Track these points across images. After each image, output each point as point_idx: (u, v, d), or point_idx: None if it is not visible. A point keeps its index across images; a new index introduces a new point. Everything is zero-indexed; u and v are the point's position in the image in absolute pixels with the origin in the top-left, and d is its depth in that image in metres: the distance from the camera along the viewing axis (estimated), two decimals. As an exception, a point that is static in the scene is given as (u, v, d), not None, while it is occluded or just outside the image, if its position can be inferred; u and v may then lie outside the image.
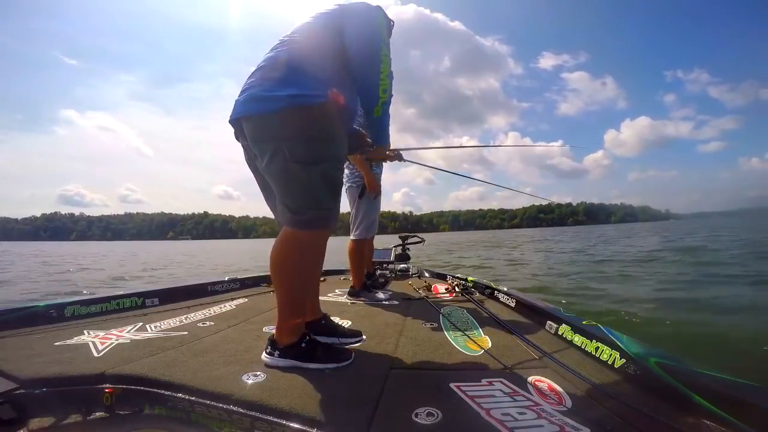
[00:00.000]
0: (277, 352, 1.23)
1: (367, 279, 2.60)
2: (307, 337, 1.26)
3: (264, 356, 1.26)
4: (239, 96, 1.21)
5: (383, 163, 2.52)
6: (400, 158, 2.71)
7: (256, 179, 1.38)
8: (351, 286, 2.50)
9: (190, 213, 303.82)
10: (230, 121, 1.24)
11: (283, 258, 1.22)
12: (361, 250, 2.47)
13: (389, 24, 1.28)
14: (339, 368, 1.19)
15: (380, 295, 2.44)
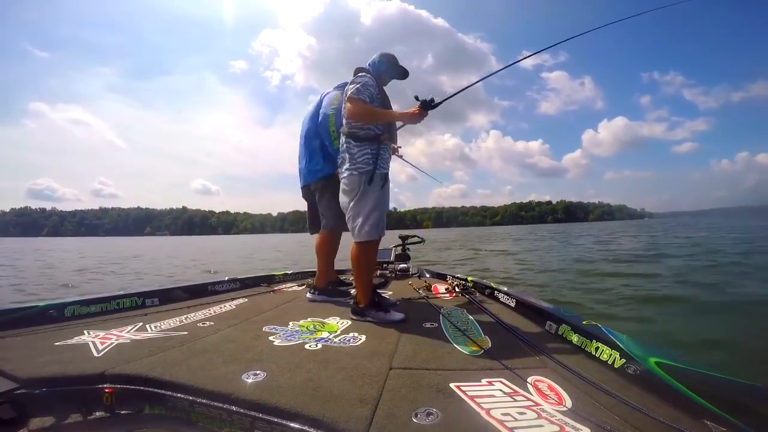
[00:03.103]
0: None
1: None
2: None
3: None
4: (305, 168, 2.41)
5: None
6: (395, 152, 2.60)
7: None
8: (354, 302, 1.96)
9: (167, 208, 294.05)
10: (308, 184, 2.42)
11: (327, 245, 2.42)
12: (369, 256, 1.93)
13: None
14: (340, 366, 1.20)
15: (395, 315, 1.84)
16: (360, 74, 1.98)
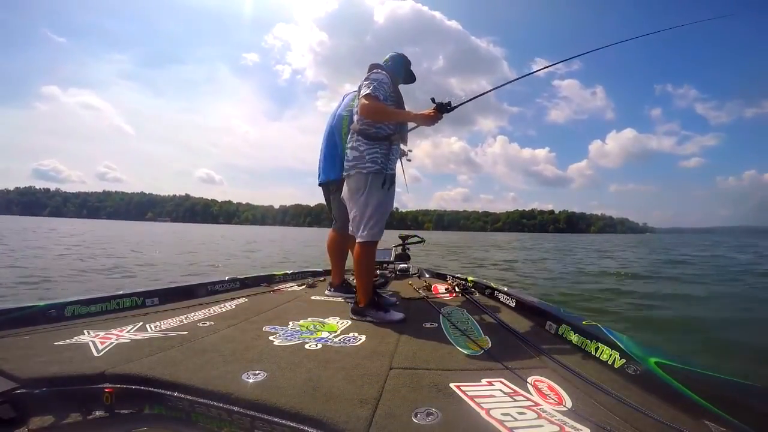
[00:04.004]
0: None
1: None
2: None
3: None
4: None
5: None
6: (405, 154, 2.62)
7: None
8: (354, 302, 1.96)
9: (170, 194, 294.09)
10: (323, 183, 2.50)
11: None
12: (370, 256, 1.93)
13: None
14: (340, 366, 1.20)
15: (395, 315, 1.84)
16: (375, 71, 1.93)
